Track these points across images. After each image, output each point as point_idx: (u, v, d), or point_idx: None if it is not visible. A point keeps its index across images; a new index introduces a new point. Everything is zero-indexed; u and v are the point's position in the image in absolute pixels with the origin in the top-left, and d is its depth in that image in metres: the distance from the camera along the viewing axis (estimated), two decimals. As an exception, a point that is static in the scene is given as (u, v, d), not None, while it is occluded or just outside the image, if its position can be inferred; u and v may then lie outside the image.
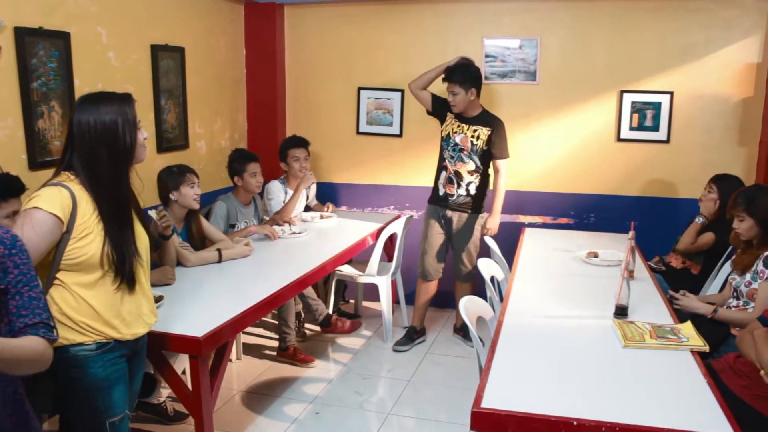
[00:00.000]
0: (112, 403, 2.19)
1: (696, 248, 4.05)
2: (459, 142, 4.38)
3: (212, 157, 4.86)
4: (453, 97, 4.27)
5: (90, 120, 2.15)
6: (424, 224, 4.58)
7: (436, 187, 4.53)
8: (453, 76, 4.26)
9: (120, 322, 2.21)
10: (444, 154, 4.46)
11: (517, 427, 2.01)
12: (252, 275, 3.50)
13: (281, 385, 4.00)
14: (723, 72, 4.71)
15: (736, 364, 2.73)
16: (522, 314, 2.93)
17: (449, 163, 4.42)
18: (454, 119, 4.40)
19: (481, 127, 4.35)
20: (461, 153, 4.38)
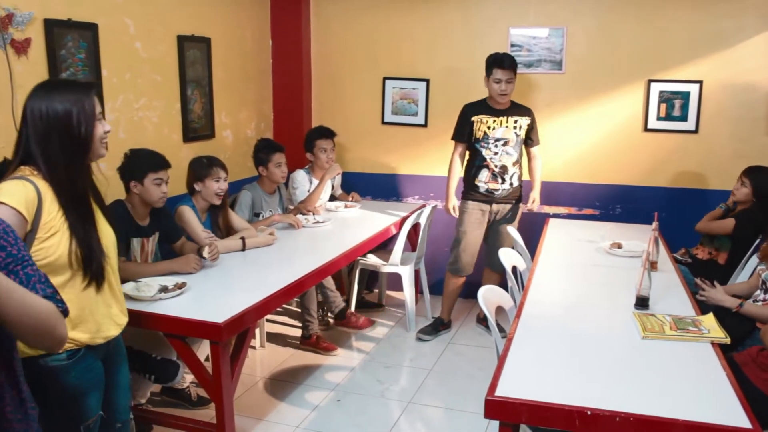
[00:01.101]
0: (87, 408, 2.10)
1: (711, 230, 4.09)
2: (502, 135, 4.35)
3: (238, 147, 4.90)
4: (507, 85, 4.23)
5: (42, 107, 1.98)
6: (464, 220, 4.49)
7: (473, 185, 4.44)
8: (509, 63, 4.22)
9: (91, 325, 2.09)
10: (484, 153, 4.37)
11: (531, 416, 2.02)
12: (274, 263, 3.54)
13: (303, 372, 4.04)
14: (754, 60, 4.61)
15: (760, 358, 2.70)
16: (542, 304, 2.93)
17: (492, 160, 4.36)
18: (486, 117, 4.35)
19: (521, 117, 4.39)
20: (505, 146, 4.36)
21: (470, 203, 4.48)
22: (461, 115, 4.44)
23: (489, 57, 4.27)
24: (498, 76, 4.21)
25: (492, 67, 4.23)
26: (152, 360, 2.95)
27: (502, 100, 4.30)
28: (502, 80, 4.21)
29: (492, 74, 4.23)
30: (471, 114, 4.38)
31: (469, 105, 4.45)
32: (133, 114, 3.84)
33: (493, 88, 4.25)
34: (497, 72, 4.20)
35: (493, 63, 4.23)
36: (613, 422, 1.93)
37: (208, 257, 3.28)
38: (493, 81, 4.23)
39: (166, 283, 2.98)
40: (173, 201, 3.60)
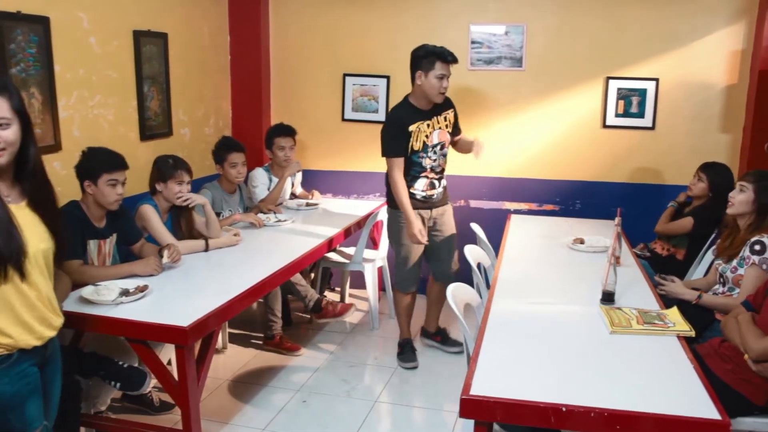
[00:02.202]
0: (28, 418, 2.02)
1: (671, 231, 4.15)
2: (438, 140, 3.92)
3: (196, 145, 4.81)
4: (447, 81, 3.77)
5: None
6: (405, 233, 3.96)
7: (409, 194, 3.91)
8: (453, 56, 3.77)
9: (21, 328, 2.01)
10: (424, 164, 3.90)
11: (507, 414, 2.02)
12: (238, 264, 3.47)
13: (268, 373, 3.98)
14: (708, 59, 4.72)
15: (721, 349, 2.75)
16: (509, 301, 2.93)
17: (433, 169, 3.95)
18: (422, 123, 3.84)
19: (447, 111, 3.98)
20: (442, 149, 3.98)
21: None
22: (394, 126, 3.85)
23: (425, 49, 3.75)
24: (442, 72, 3.71)
25: (433, 60, 3.71)
26: (118, 367, 2.86)
27: (440, 99, 3.83)
28: (445, 76, 3.75)
29: (433, 69, 3.71)
30: (407, 123, 3.82)
31: (398, 112, 3.89)
32: (87, 111, 3.73)
33: (433, 85, 3.73)
34: (440, 66, 3.71)
35: (434, 56, 3.71)
36: (587, 418, 1.94)
37: (168, 260, 3.20)
38: (435, 77, 3.71)
39: (127, 286, 2.90)
40: (132, 200, 3.51)
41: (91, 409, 3.08)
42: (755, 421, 2.61)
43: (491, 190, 5.11)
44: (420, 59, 3.75)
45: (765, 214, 3.15)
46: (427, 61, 3.72)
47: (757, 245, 3.08)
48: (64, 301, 2.69)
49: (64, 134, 3.54)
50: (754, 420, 2.61)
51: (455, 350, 4.23)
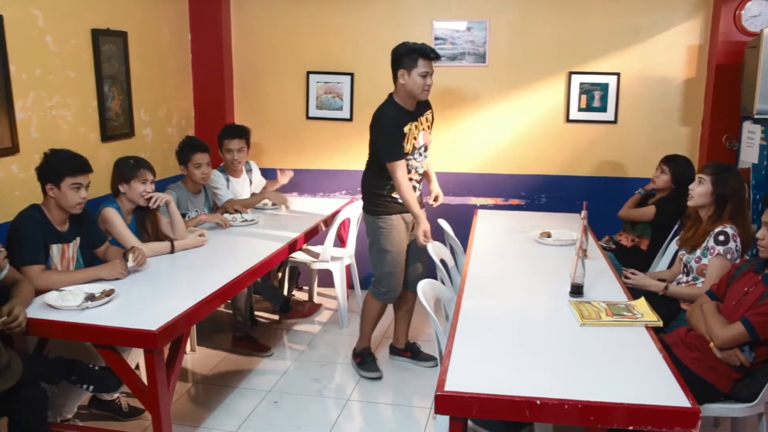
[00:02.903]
0: None
1: (633, 217, 4.20)
2: (423, 141, 3.80)
3: (159, 146, 4.73)
4: (431, 79, 3.63)
5: None
6: (390, 238, 3.80)
7: (391, 197, 3.79)
8: (435, 53, 3.62)
9: None
10: (409, 166, 3.73)
11: (482, 409, 2.02)
12: (205, 265, 3.43)
13: (238, 375, 3.94)
14: (667, 54, 4.81)
15: (687, 338, 2.80)
16: (479, 296, 2.94)
17: (416, 170, 3.81)
18: (410, 124, 3.70)
19: (427, 111, 3.86)
20: (426, 151, 3.86)
21: (393, 217, 3.80)
22: (395, 126, 3.65)
23: (406, 47, 3.61)
24: (425, 69, 3.57)
25: (416, 58, 3.57)
26: (89, 369, 2.80)
27: (425, 97, 3.71)
28: (429, 73, 3.61)
29: (416, 66, 3.57)
30: (402, 124, 3.67)
31: (391, 112, 3.70)
32: (46, 113, 3.64)
33: (417, 83, 3.59)
34: (423, 64, 3.57)
35: (416, 53, 3.57)
36: (561, 410, 1.96)
37: (134, 263, 3.14)
38: (418, 75, 3.57)
39: (92, 290, 2.84)
40: (94, 203, 3.44)
41: (57, 418, 3.01)
42: (721, 407, 2.67)
43: (457, 186, 5.12)
44: (402, 57, 3.61)
45: (724, 205, 3.22)
46: (410, 59, 3.58)
47: (721, 236, 3.15)
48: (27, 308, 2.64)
49: (21, 136, 3.45)
50: (720, 406, 2.67)
51: (429, 365, 4.04)
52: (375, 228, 3.84)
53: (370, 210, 3.86)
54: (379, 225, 3.81)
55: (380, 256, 3.84)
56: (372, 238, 3.89)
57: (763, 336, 2.51)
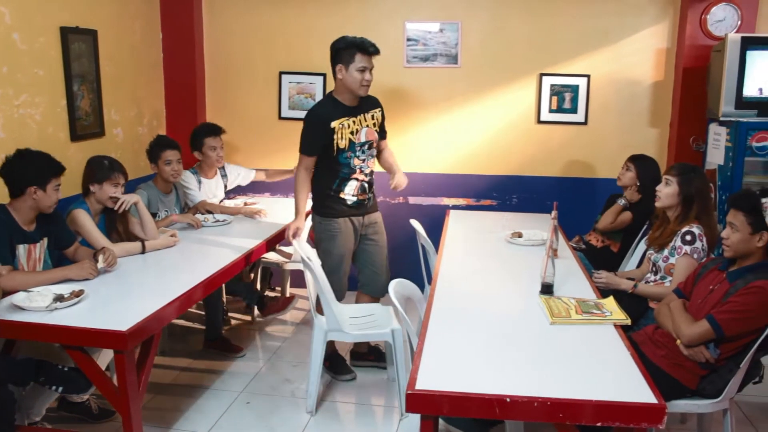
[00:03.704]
0: None
1: (615, 227, 4.18)
2: (366, 138, 3.74)
3: (129, 145, 4.69)
4: (370, 74, 3.60)
5: None
6: (337, 241, 3.78)
7: (338, 199, 3.75)
8: (375, 48, 3.60)
9: None
10: (352, 164, 3.72)
11: (452, 407, 2.04)
12: (177, 265, 3.41)
13: (210, 376, 3.92)
14: (636, 56, 4.89)
15: (655, 336, 2.85)
16: (451, 295, 2.96)
17: (362, 170, 3.77)
18: (347, 120, 3.67)
19: (374, 110, 3.82)
20: (371, 149, 3.81)
21: (340, 220, 3.76)
22: (313, 124, 3.66)
23: (344, 41, 3.58)
24: (363, 64, 3.53)
25: (353, 52, 3.53)
26: (58, 370, 2.76)
27: (364, 92, 3.65)
28: (367, 68, 3.56)
29: (353, 61, 3.53)
30: (329, 120, 3.63)
31: (320, 108, 3.73)
32: (13, 111, 3.59)
33: (355, 78, 3.54)
34: (361, 59, 3.53)
35: (354, 48, 3.53)
36: (531, 407, 1.98)
37: (104, 264, 3.11)
38: (356, 70, 3.53)
39: (61, 291, 2.80)
40: (64, 202, 3.39)
41: (25, 421, 2.97)
42: (687, 403, 2.72)
43: (429, 187, 5.15)
44: (340, 52, 3.58)
45: (691, 205, 3.28)
46: (348, 54, 3.55)
47: (687, 235, 3.21)
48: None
49: (-11, 136, 3.41)
50: (686, 402, 2.72)
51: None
52: (321, 229, 3.82)
53: (318, 210, 3.84)
54: (325, 227, 3.80)
55: (324, 258, 3.81)
56: (317, 239, 3.87)
57: (728, 333, 2.57)
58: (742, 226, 2.68)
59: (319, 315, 3.52)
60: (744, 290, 2.59)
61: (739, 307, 2.56)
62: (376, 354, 4.09)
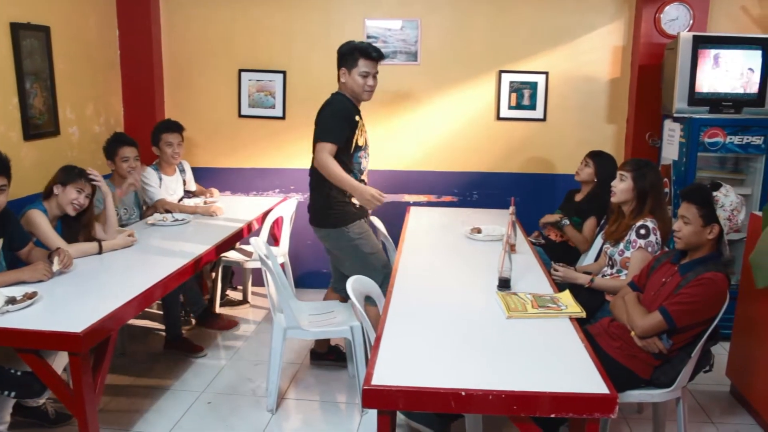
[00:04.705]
0: None
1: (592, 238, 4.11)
2: (365, 141, 3.73)
3: (86, 145, 4.61)
4: (373, 79, 3.60)
5: None
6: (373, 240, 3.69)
7: (350, 204, 3.61)
8: (378, 53, 3.60)
9: None
10: (362, 165, 3.67)
11: (408, 402, 2.05)
12: (135, 265, 3.37)
13: (170, 376, 3.88)
14: (593, 54, 4.96)
15: (610, 328, 2.91)
16: (410, 291, 2.98)
17: (364, 171, 3.72)
18: (359, 119, 3.63)
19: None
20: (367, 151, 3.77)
21: (357, 222, 3.63)
22: (342, 111, 3.55)
23: (348, 46, 3.60)
24: (366, 68, 3.54)
25: (357, 57, 3.54)
26: (10, 375, 2.70)
27: (368, 98, 3.65)
28: (370, 73, 3.57)
29: (357, 66, 3.54)
30: (353, 112, 3.58)
31: (343, 99, 3.62)
32: (-37, 111, 3.51)
33: (358, 83, 3.55)
34: (365, 63, 3.54)
35: (358, 52, 3.54)
36: (486, 400, 2.00)
37: (60, 266, 3.05)
38: (359, 74, 3.54)
39: (14, 293, 2.75)
40: (19, 203, 3.34)
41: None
42: (641, 393, 2.78)
43: (390, 183, 5.16)
44: (344, 56, 3.58)
45: (645, 200, 3.34)
46: (351, 58, 3.55)
47: (642, 229, 3.27)
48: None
49: (-63, 135, 3.32)
50: (641, 392, 2.78)
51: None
52: (347, 240, 3.60)
53: (332, 222, 3.60)
54: (352, 235, 3.59)
55: (363, 262, 3.60)
56: (346, 250, 3.61)
57: (679, 324, 2.63)
58: (694, 218, 2.74)
59: (279, 313, 3.51)
60: (694, 282, 2.65)
61: (689, 298, 2.62)
62: (336, 353, 4.09)
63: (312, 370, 4.00)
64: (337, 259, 3.79)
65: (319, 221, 3.68)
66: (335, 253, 3.75)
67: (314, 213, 3.70)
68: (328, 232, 3.65)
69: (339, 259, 3.76)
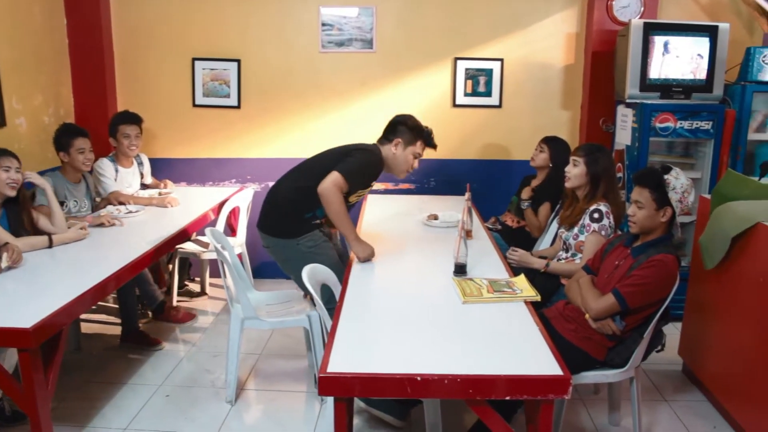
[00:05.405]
0: None
1: (545, 223, 4.17)
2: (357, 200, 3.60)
3: (35, 135, 4.49)
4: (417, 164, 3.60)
5: None
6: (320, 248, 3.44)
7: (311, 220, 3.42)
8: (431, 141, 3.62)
9: None
10: None
11: (364, 388, 2.05)
12: (87, 259, 3.29)
13: (128, 371, 3.82)
14: (547, 41, 5.01)
15: (565, 311, 2.95)
16: (366, 279, 2.98)
17: None
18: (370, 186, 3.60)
19: None
20: None
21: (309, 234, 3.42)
22: (374, 168, 3.49)
23: (416, 123, 3.57)
24: (420, 152, 3.55)
25: (418, 138, 3.51)
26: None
27: (402, 176, 3.64)
28: (420, 156, 3.57)
29: (415, 146, 3.50)
30: (376, 177, 3.55)
31: (380, 163, 3.52)
32: None
33: (408, 160, 3.51)
34: (422, 147, 3.55)
35: (421, 135, 3.53)
36: (442, 384, 2.01)
37: (8, 263, 2.97)
38: (413, 154, 3.52)
39: (-40, 290, 2.68)
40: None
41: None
42: (596, 374, 2.83)
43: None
44: (407, 129, 3.52)
45: (598, 184, 3.39)
46: (411, 135, 3.50)
47: (595, 213, 3.32)
48: None
49: None
50: (596, 373, 2.83)
51: None
52: (295, 252, 3.39)
53: (284, 232, 3.42)
54: (303, 248, 3.39)
55: None
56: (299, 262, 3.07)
57: (632, 305, 2.68)
58: (647, 202, 2.78)
59: (236, 304, 3.48)
60: (645, 264, 2.70)
61: (640, 280, 2.67)
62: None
63: (271, 360, 3.98)
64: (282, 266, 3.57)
65: (268, 228, 3.49)
66: (279, 262, 3.56)
67: (266, 218, 3.50)
68: (276, 242, 3.46)
69: (284, 267, 3.54)
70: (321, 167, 3.31)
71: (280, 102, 5.10)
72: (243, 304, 3.41)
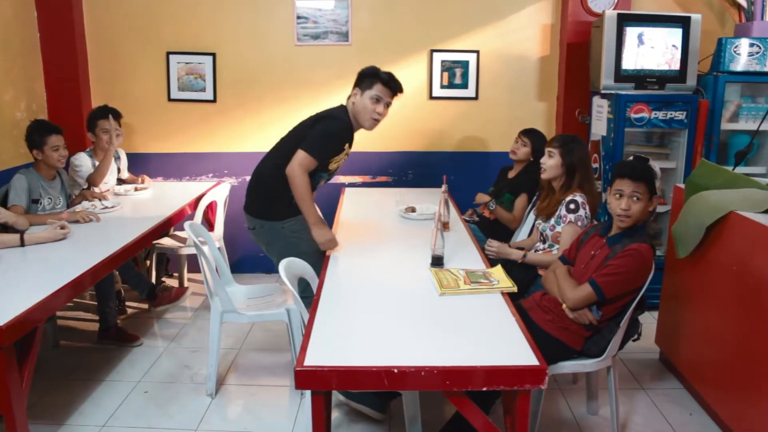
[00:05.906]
0: None
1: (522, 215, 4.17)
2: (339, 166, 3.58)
3: (7, 132, 4.43)
4: (384, 109, 3.44)
5: None
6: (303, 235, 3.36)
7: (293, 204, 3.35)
8: (397, 86, 3.47)
9: None
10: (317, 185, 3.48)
11: (341, 381, 2.05)
12: (62, 255, 3.24)
13: (105, 367, 3.79)
14: (523, 32, 5.03)
15: (542, 301, 2.96)
16: (343, 271, 2.98)
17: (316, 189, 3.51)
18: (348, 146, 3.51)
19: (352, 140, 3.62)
20: None
21: (294, 219, 3.37)
22: (341, 133, 3.40)
23: (371, 69, 3.46)
24: (380, 94, 3.37)
25: (375, 82, 3.37)
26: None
27: (369, 126, 3.45)
28: (382, 100, 3.40)
29: (371, 89, 3.36)
30: (349, 138, 3.45)
31: (347, 123, 3.42)
32: None
33: (367, 106, 3.36)
34: (381, 89, 3.37)
35: (377, 78, 3.38)
36: (419, 376, 2.01)
37: None
38: (370, 97, 3.36)
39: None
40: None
41: None
42: (574, 363, 2.85)
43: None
44: (362, 77, 3.43)
45: (573, 175, 3.41)
46: (368, 80, 3.39)
47: (571, 204, 3.34)
48: None
49: None
50: (573, 363, 2.85)
51: None
52: (279, 237, 3.39)
53: (269, 213, 3.40)
54: (287, 232, 3.38)
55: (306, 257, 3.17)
56: (282, 247, 3.33)
57: (608, 295, 2.70)
58: (644, 195, 2.76)
59: (216, 297, 3.46)
60: (621, 253, 2.72)
61: (616, 269, 2.69)
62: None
63: (251, 354, 3.97)
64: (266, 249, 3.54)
65: (252, 209, 3.47)
66: (262, 245, 3.52)
67: (251, 200, 3.49)
68: (261, 223, 3.43)
69: (267, 251, 3.52)
70: (294, 143, 3.31)
71: (256, 95, 5.07)
72: (221, 298, 3.40)
